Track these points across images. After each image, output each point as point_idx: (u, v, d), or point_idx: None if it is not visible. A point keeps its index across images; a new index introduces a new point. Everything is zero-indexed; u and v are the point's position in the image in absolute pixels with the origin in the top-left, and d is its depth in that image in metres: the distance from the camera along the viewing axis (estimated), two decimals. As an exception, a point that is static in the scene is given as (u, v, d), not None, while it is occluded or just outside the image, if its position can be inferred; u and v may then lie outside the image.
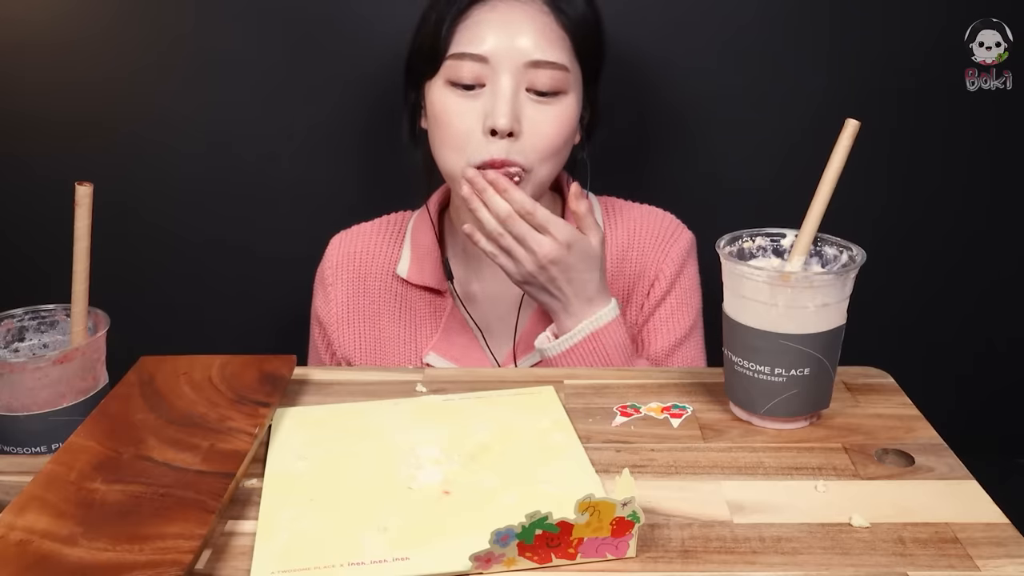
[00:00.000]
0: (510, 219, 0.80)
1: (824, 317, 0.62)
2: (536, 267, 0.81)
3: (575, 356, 0.83)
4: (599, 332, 0.83)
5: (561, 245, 0.80)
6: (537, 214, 0.80)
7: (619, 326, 0.84)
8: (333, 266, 0.97)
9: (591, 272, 0.83)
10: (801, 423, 0.65)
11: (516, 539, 0.48)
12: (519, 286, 0.85)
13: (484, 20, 0.82)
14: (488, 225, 0.81)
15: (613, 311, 0.84)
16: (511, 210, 0.80)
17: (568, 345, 0.83)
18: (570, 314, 0.83)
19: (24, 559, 0.47)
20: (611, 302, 0.84)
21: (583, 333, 0.82)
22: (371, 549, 0.51)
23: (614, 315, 0.84)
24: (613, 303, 0.84)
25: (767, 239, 0.69)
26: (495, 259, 0.83)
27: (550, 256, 0.80)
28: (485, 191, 0.81)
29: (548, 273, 0.81)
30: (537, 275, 0.81)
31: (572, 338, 0.82)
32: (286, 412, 0.68)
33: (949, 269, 1.17)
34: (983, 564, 0.49)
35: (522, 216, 0.80)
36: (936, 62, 1.07)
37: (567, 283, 0.82)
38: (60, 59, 1.09)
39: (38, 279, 0.95)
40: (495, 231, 0.81)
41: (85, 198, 0.65)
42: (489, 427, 0.64)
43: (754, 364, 0.63)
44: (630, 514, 0.49)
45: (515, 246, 0.81)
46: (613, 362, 0.83)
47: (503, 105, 0.81)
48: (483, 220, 0.81)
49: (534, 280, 0.82)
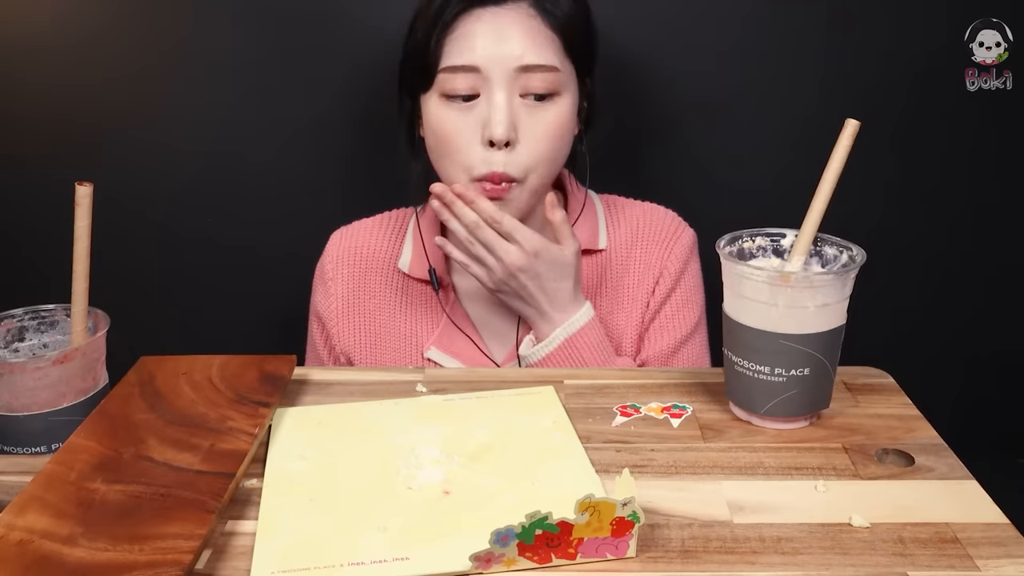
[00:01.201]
0: (478, 228, 0.82)
1: (824, 317, 0.62)
2: (506, 274, 0.83)
3: (553, 361, 0.85)
4: (574, 337, 0.85)
5: (528, 254, 0.82)
6: (504, 222, 0.82)
7: (593, 329, 0.86)
8: (334, 260, 0.97)
9: (563, 281, 0.85)
10: (801, 423, 0.65)
11: (516, 539, 0.48)
12: (493, 294, 0.87)
13: (471, 31, 0.83)
14: (459, 234, 0.84)
15: (586, 315, 0.86)
16: (478, 219, 0.82)
17: (545, 352, 0.85)
18: (545, 321, 0.86)
19: (24, 559, 0.47)
20: (584, 305, 0.86)
21: (558, 340, 0.85)
22: (371, 549, 0.51)
23: (587, 319, 0.86)
24: (587, 307, 0.87)
25: (767, 239, 0.69)
26: (468, 268, 0.85)
27: (517, 264, 0.82)
28: (454, 203, 0.83)
29: (518, 280, 0.83)
30: (508, 282, 0.84)
31: (548, 345, 0.85)
32: (286, 412, 0.68)
33: (949, 269, 1.17)
34: (983, 564, 0.49)
35: (489, 225, 0.82)
36: (936, 62, 1.07)
37: (539, 291, 0.84)
38: (60, 60, 1.09)
39: (38, 279, 0.95)
40: (465, 239, 0.84)
41: (85, 198, 0.65)
42: (489, 427, 0.64)
43: (754, 364, 0.63)
44: (630, 514, 0.49)
45: (485, 254, 0.83)
46: (591, 364, 0.85)
47: (498, 115, 0.82)
48: (454, 230, 0.84)
49: (506, 288, 0.85)
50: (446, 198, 0.83)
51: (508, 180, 0.84)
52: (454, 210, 0.83)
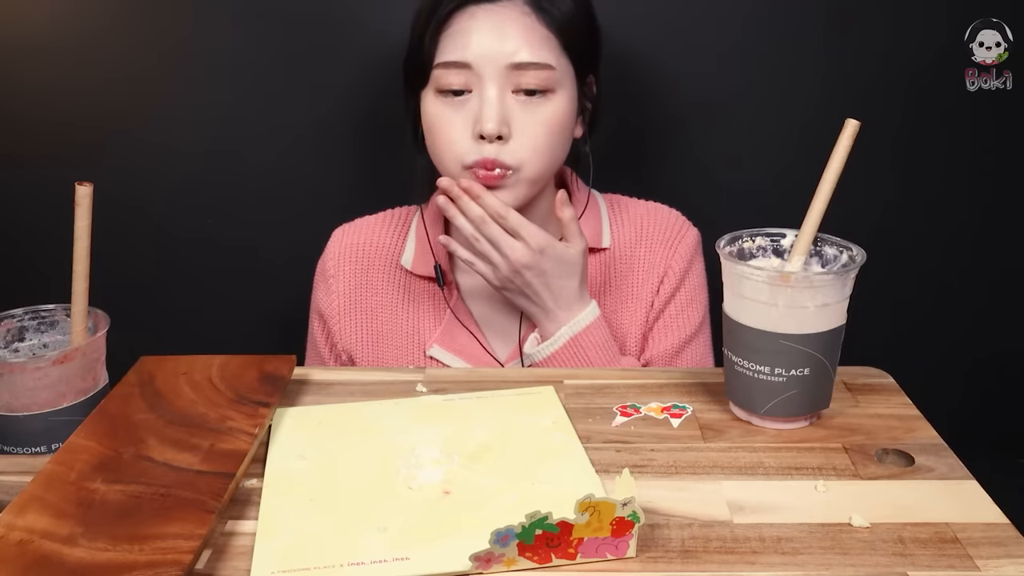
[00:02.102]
0: (483, 223, 0.82)
1: (824, 317, 0.62)
2: (511, 271, 0.83)
3: (558, 360, 0.85)
4: (579, 336, 0.85)
5: (534, 251, 0.82)
6: (509, 218, 0.82)
7: (598, 328, 0.86)
8: (335, 257, 0.97)
9: (568, 279, 0.84)
10: (801, 423, 0.65)
11: (516, 539, 0.48)
12: (498, 291, 0.87)
13: (465, 28, 0.83)
14: (464, 230, 0.83)
15: (592, 313, 0.86)
16: (484, 214, 0.82)
17: (550, 351, 0.85)
18: (550, 320, 0.85)
19: (24, 559, 0.47)
20: (590, 304, 0.86)
21: (563, 339, 0.85)
22: (371, 549, 0.51)
23: (593, 317, 0.85)
24: (592, 305, 0.86)
25: (767, 239, 0.69)
26: (473, 266, 0.85)
27: (523, 261, 0.82)
28: (460, 198, 0.83)
29: (523, 278, 0.83)
30: (513, 279, 0.83)
31: (553, 344, 0.85)
32: (286, 412, 0.68)
33: (949, 269, 1.17)
34: (983, 564, 0.49)
35: (495, 220, 0.82)
36: (936, 62, 1.07)
37: (544, 288, 0.84)
38: (60, 60, 1.09)
39: (38, 279, 0.95)
40: (471, 235, 0.83)
41: (85, 198, 0.65)
42: (489, 427, 0.64)
43: (754, 364, 0.63)
44: (630, 514, 0.49)
45: (490, 250, 0.83)
46: (595, 363, 0.85)
47: (489, 110, 0.82)
48: (460, 226, 0.83)
49: (511, 285, 0.84)
50: (452, 192, 0.83)
51: (502, 167, 0.83)
52: (460, 205, 0.83)
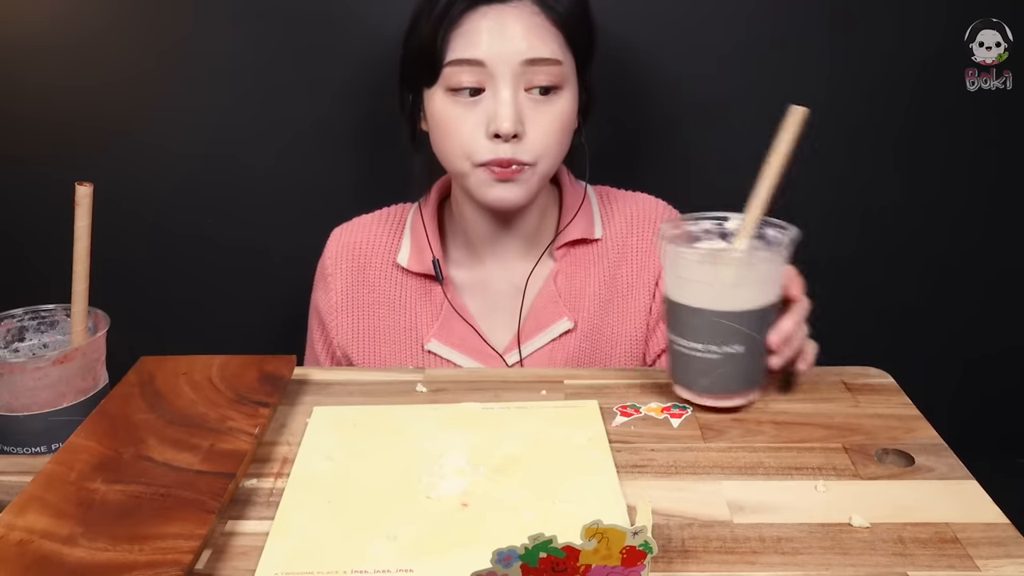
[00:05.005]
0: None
1: (756, 294, 0.64)
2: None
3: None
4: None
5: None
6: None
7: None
8: (333, 256, 0.97)
9: None
10: (737, 400, 0.67)
11: (519, 560, 0.46)
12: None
13: (477, 26, 0.83)
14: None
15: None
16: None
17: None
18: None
19: (24, 559, 0.47)
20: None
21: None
22: (377, 557, 0.50)
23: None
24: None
25: (712, 223, 0.71)
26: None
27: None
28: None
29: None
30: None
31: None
32: (325, 411, 0.67)
33: (949, 268, 1.16)
34: (983, 564, 0.49)
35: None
36: (936, 62, 1.07)
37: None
38: (60, 60, 1.09)
39: (38, 279, 0.95)
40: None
41: (85, 198, 0.65)
42: (521, 439, 0.63)
43: (690, 342, 0.65)
44: (642, 543, 0.45)
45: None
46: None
47: (505, 109, 0.82)
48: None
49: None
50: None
51: (519, 163, 0.84)
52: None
